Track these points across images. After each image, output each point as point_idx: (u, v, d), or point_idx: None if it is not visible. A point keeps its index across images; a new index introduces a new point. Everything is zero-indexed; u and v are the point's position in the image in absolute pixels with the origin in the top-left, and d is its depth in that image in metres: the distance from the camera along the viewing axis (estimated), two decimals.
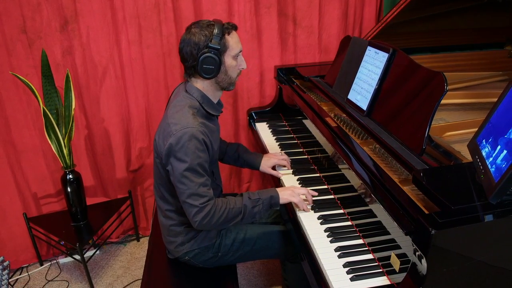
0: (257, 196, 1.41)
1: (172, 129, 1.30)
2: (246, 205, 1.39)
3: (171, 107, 1.39)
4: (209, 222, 1.34)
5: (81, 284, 2.25)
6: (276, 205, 1.43)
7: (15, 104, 2.09)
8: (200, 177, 1.32)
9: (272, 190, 1.45)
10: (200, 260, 1.53)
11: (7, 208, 2.24)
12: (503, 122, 1.04)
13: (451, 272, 0.94)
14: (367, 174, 1.26)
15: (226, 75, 1.40)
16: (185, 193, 1.31)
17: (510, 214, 0.93)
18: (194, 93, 1.40)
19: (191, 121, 1.31)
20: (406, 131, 1.30)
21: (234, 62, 1.40)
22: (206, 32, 1.32)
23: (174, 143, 1.29)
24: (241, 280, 2.21)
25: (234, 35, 1.39)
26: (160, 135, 1.37)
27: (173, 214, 1.49)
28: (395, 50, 1.47)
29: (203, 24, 1.34)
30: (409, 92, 1.35)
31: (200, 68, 1.34)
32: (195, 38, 1.32)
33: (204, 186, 1.33)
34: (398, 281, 1.07)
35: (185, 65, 1.40)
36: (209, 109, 1.43)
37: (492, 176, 0.98)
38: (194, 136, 1.29)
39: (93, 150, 2.30)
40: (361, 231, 1.33)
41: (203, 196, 1.32)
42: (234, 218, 1.38)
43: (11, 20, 1.94)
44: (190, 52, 1.34)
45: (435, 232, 0.87)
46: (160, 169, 1.42)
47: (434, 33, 2.24)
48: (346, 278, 1.13)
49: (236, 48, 1.38)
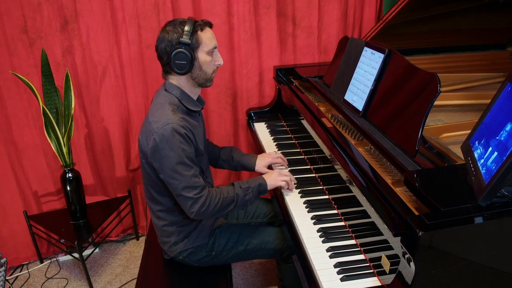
0: (247, 184, 1.49)
1: (153, 127, 1.32)
2: (238, 194, 1.46)
3: (152, 106, 1.42)
4: (206, 211, 1.39)
5: (80, 282, 2.27)
6: (264, 191, 1.53)
7: (16, 103, 2.11)
8: (190, 169, 1.35)
9: (260, 178, 1.54)
10: (194, 259, 1.54)
11: (8, 206, 2.26)
12: (495, 124, 1.03)
13: (439, 274, 0.94)
14: (360, 174, 1.26)
15: (201, 70, 1.41)
16: (178, 187, 1.34)
17: (500, 216, 0.93)
18: (172, 91, 1.42)
19: (171, 117, 1.33)
20: (400, 132, 1.29)
21: (209, 58, 1.41)
22: (178, 29, 1.35)
23: (158, 140, 1.31)
24: (238, 280, 2.22)
25: (208, 31, 1.40)
26: (143, 135, 1.39)
27: (164, 214, 1.50)
28: (391, 51, 1.47)
29: (176, 22, 1.37)
30: (403, 93, 1.35)
31: (173, 64, 1.36)
32: (168, 36, 1.35)
33: (195, 177, 1.36)
34: (388, 282, 1.06)
35: (161, 63, 1.42)
36: (189, 105, 1.44)
37: (482, 178, 0.98)
38: (176, 131, 1.31)
39: (93, 149, 2.32)
40: (354, 231, 1.32)
41: (196, 187, 1.36)
42: (228, 206, 1.45)
43: (12, 20, 1.96)
44: (164, 49, 1.36)
45: (422, 233, 0.87)
46: (147, 170, 1.44)
47: (435, 33, 2.23)
48: (337, 278, 1.13)
49: (210, 44, 1.39)
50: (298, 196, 1.53)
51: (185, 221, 1.51)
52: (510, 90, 1.04)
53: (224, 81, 2.35)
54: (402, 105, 1.33)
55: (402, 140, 1.27)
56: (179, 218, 1.50)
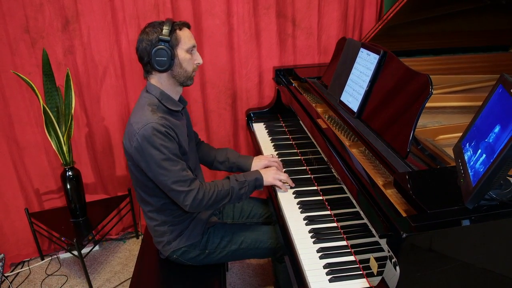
0: (243, 178, 1.52)
1: (135, 128, 1.35)
2: (233, 187, 1.48)
3: (134, 108, 1.44)
4: (200, 203, 1.42)
5: (79, 279, 2.29)
6: (260, 186, 1.55)
7: (18, 102, 2.15)
8: (177, 164, 1.37)
9: (257, 172, 1.56)
10: (188, 258, 1.55)
11: (9, 203, 2.29)
12: (486, 126, 1.02)
13: (424, 277, 0.93)
14: (351, 176, 1.26)
15: (181, 68, 1.43)
16: (168, 183, 1.37)
17: (486, 219, 0.92)
18: (153, 91, 1.44)
19: (151, 117, 1.35)
20: (392, 134, 1.29)
21: (188, 56, 1.43)
22: (157, 29, 1.38)
23: (141, 141, 1.33)
24: (235, 280, 2.23)
25: (186, 31, 1.43)
26: (126, 137, 1.41)
27: (154, 215, 1.52)
28: (386, 52, 1.46)
29: (155, 23, 1.40)
30: (397, 95, 1.34)
31: (153, 61, 1.38)
32: (148, 36, 1.38)
33: (183, 170, 1.39)
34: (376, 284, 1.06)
35: (142, 64, 1.44)
36: (169, 105, 1.45)
37: (470, 181, 0.97)
38: (156, 129, 1.33)
39: (94, 148, 2.34)
40: (345, 232, 1.32)
41: (185, 180, 1.38)
42: (223, 199, 1.47)
43: (14, 20, 2.00)
44: (145, 48, 1.39)
45: (406, 235, 0.87)
46: (134, 171, 1.46)
47: (437, 35, 2.21)
48: (325, 279, 1.13)
49: (188, 42, 1.42)
50: (292, 197, 1.53)
51: (176, 220, 1.52)
52: (501, 92, 1.03)
53: (224, 81, 2.36)
54: (395, 106, 1.32)
55: (394, 142, 1.26)
56: (170, 218, 1.51)
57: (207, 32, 2.22)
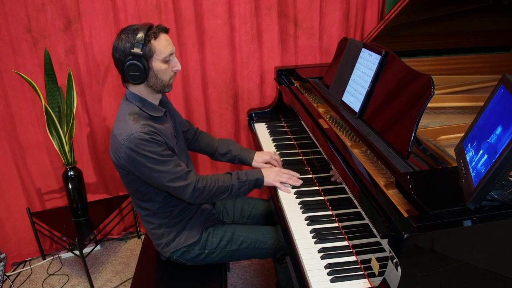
0: (245, 177, 1.52)
1: (119, 140, 1.33)
2: (233, 184, 1.50)
3: (115, 120, 1.42)
4: (200, 195, 1.44)
5: (81, 278, 2.29)
6: (260, 186, 1.56)
7: (20, 102, 2.15)
8: (169, 163, 1.37)
9: (259, 173, 1.56)
10: (188, 258, 1.55)
11: (11, 203, 2.30)
12: (487, 126, 1.02)
13: (426, 278, 0.93)
14: (352, 176, 1.25)
15: (157, 78, 1.38)
16: (163, 183, 1.38)
17: (488, 220, 0.92)
18: (132, 99, 1.41)
19: (133, 126, 1.32)
20: (394, 134, 1.29)
21: (165, 66, 1.37)
22: (131, 38, 1.31)
23: (128, 152, 1.31)
24: (237, 280, 2.23)
25: (162, 38, 1.35)
26: (112, 149, 1.40)
27: (151, 219, 1.52)
28: (387, 53, 1.46)
29: (130, 30, 1.33)
30: (398, 95, 1.34)
31: (127, 75, 1.33)
32: (122, 45, 1.32)
33: (176, 167, 1.39)
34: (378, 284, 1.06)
35: (118, 71, 1.40)
36: (150, 111, 1.41)
37: (472, 181, 0.97)
38: (140, 138, 1.31)
39: (95, 147, 2.35)
40: (347, 233, 1.32)
41: (180, 175, 1.39)
42: (222, 193, 1.49)
43: (16, 20, 2.00)
44: (119, 59, 1.34)
45: (408, 236, 0.87)
46: (126, 180, 1.45)
47: (439, 35, 2.21)
48: (327, 279, 1.13)
49: (165, 51, 1.35)
50: (294, 197, 1.53)
51: (172, 222, 1.53)
52: (503, 93, 1.03)
53: (226, 81, 2.36)
54: (397, 106, 1.32)
55: (396, 142, 1.26)
56: (166, 220, 1.52)
57: (208, 32, 2.22)
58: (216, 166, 2.58)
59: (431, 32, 2.17)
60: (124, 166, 1.37)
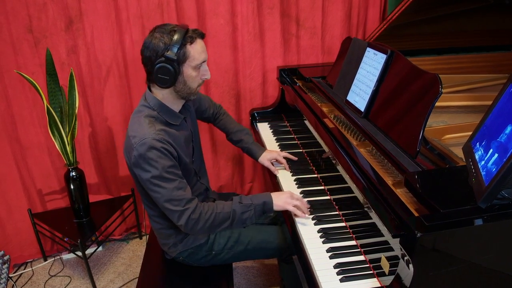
0: (249, 201, 1.37)
1: (132, 142, 1.29)
2: (235, 210, 1.35)
3: (131, 118, 1.38)
4: (195, 225, 1.32)
5: (83, 280, 2.28)
6: (270, 211, 1.40)
7: (21, 102, 2.13)
8: (171, 182, 1.29)
9: (266, 196, 1.40)
10: (194, 259, 1.54)
11: (12, 204, 2.28)
12: (496, 125, 1.03)
13: (438, 276, 0.93)
14: (361, 176, 1.26)
15: (185, 85, 1.33)
16: (160, 200, 1.31)
17: (499, 218, 0.92)
18: (151, 102, 1.36)
19: (147, 131, 1.27)
20: (401, 133, 1.29)
21: (195, 73, 1.33)
22: (166, 39, 1.25)
23: (137, 156, 1.27)
24: (240, 280, 2.22)
25: (198, 44, 1.31)
26: (125, 150, 1.37)
27: (159, 219, 1.50)
28: (393, 52, 1.47)
29: (166, 30, 1.27)
30: (405, 94, 1.34)
31: (155, 77, 1.28)
32: (155, 44, 1.26)
33: (178, 190, 1.30)
34: (388, 284, 1.06)
35: (145, 69, 1.35)
36: (168, 118, 1.37)
37: (482, 180, 0.97)
38: (152, 147, 1.26)
39: (97, 148, 2.33)
40: (354, 232, 1.32)
41: (180, 199, 1.30)
42: (222, 223, 1.35)
43: (17, 20, 1.98)
44: (149, 57, 1.29)
45: (421, 235, 0.87)
46: (136, 178, 1.41)
47: (440, 35, 2.22)
48: (336, 279, 1.13)
49: (199, 58, 1.31)
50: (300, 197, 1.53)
51: None
52: None
53: (228, 81, 2.35)
54: (404, 106, 1.32)
55: (403, 141, 1.26)
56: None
57: (211, 32, 2.22)
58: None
59: (432, 31, 2.18)
60: (132, 169, 1.35)
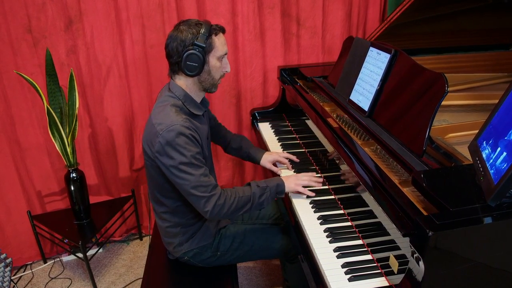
0: (264, 184, 1.46)
1: (157, 129, 1.30)
2: (255, 193, 1.42)
3: (155, 108, 1.40)
4: (221, 210, 1.36)
5: (84, 282, 2.26)
6: (282, 193, 1.49)
7: (20, 103, 2.11)
8: (199, 168, 1.33)
9: (278, 179, 1.50)
10: (199, 260, 1.54)
11: (11, 205, 2.26)
12: (504, 124, 1.03)
13: (449, 274, 0.94)
14: (367, 175, 1.26)
15: (209, 75, 1.40)
16: (188, 187, 1.32)
17: (509, 216, 0.93)
18: (176, 92, 1.40)
19: (175, 118, 1.31)
20: (406, 133, 1.29)
21: (219, 64, 1.40)
22: (193, 30, 1.33)
23: (164, 143, 1.29)
24: (242, 280, 2.22)
25: (221, 37, 1.39)
26: (147, 137, 1.37)
27: (168, 216, 1.49)
28: (397, 51, 1.47)
29: (192, 23, 1.35)
30: (410, 93, 1.34)
31: (183, 64, 1.34)
32: (182, 35, 1.33)
33: (204, 176, 1.34)
34: (396, 283, 1.06)
35: (169, 61, 1.40)
36: (192, 108, 1.42)
37: (491, 178, 0.97)
38: (181, 133, 1.29)
39: (97, 149, 2.32)
40: (360, 231, 1.32)
41: (206, 185, 1.33)
42: (244, 206, 1.41)
43: (16, 20, 1.96)
44: (176, 48, 1.34)
45: (432, 233, 0.87)
46: (151, 171, 1.42)
47: (439, 34, 2.23)
48: (344, 279, 1.13)
49: (222, 49, 1.39)
50: (304, 196, 1.53)
51: (189, 222, 1.50)
52: None
53: (228, 81, 2.35)
54: (409, 105, 1.33)
55: (409, 140, 1.27)
56: (183, 220, 1.49)
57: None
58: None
59: (432, 30, 2.19)
60: (155, 157, 1.34)
